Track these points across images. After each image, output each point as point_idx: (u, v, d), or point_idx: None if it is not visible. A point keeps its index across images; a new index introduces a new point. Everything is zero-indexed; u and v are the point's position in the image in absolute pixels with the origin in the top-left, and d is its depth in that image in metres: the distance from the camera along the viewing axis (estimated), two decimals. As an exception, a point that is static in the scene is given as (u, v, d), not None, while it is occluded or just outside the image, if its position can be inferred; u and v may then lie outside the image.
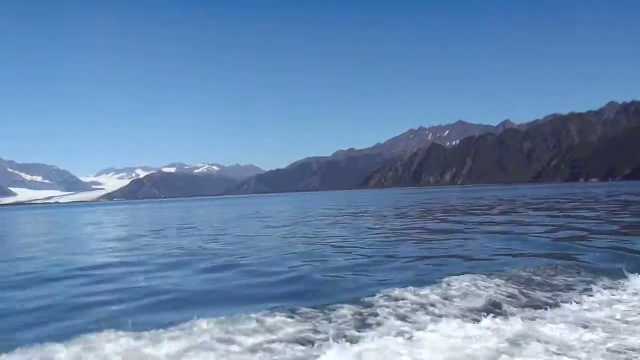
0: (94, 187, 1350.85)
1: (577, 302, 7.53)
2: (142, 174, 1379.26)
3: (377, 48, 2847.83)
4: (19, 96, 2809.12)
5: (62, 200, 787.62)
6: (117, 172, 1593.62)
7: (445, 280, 8.74)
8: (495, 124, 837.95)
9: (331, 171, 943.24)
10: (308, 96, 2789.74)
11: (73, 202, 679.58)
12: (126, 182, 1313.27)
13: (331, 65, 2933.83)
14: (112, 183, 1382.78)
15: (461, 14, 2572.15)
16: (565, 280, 9.27)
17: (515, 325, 6.31)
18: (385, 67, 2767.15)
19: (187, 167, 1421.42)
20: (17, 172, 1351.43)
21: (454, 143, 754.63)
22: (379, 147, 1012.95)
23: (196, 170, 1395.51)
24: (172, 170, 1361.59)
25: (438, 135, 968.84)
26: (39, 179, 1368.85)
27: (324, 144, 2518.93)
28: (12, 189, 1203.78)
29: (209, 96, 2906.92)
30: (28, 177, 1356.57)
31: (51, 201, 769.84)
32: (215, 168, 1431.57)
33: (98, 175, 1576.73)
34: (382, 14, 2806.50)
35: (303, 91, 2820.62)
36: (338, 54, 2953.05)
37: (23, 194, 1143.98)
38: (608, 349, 5.46)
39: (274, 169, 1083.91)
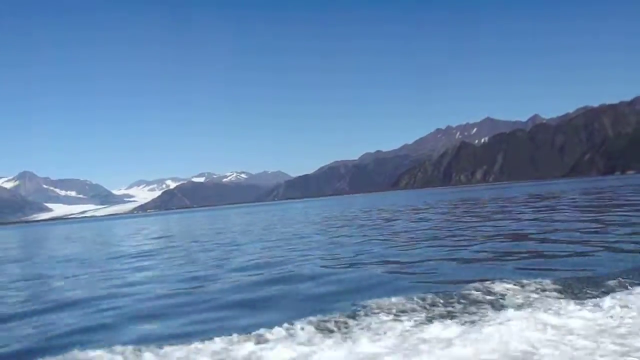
0: (126, 199, 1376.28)
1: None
2: (172, 185, 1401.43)
3: (397, 46, 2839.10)
4: (50, 111, 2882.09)
5: (97, 214, 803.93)
6: (148, 183, 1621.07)
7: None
8: (524, 119, 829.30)
9: (359, 174, 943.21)
10: (331, 98, 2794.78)
11: (108, 214, 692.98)
12: (157, 193, 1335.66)
13: (351, 66, 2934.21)
14: (144, 195, 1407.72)
15: (483, 7, 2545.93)
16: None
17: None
18: (407, 65, 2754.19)
19: (215, 176, 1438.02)
20: (51, 187, 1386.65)
21: (482, 140, 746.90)
22: (406, 147, 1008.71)
23: (225, 179, 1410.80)
24: (201, 179, 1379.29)
25: (466, 133, 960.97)
26: (73, 193, 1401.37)
27: (350, 147, 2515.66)
28: (47, 204, 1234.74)
29: (233, 103, 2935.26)
30: (62, 192, 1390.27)
31: (87, 215, 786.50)
32: (243, 176, 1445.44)
33: (129, 187, 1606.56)
34: (405, 11, 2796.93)
35: (325, 94, 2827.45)
36: (356, 53, 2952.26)
37: (58, 209, 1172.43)
38: None
39: (301, 174, 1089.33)
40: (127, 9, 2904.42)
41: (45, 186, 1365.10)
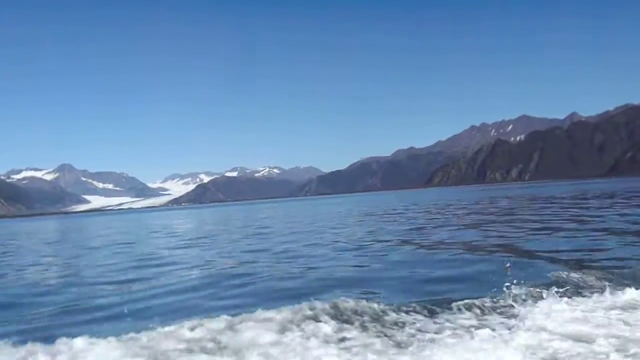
0: (161, 192, 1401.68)
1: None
2: (206, 179, 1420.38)
3: (431, 42, 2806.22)
4: (89, 105, 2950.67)
5: (133, 206, 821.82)
6: (182, 177, 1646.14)
7: None
8: (561, 117, 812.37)
9: (392, 170, 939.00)
10: (364, 94, 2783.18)
11: (144, 207, 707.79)
12: (191, 187, 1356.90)
13: (385, 61, 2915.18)
14: (178, 188, 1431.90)
15: (520, 3, 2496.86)
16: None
17: None
18: (440, 61, 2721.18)
19: (248, 171, 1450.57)
20: (89, 180, 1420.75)
21: (518, 138, 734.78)
22: (439, 144, 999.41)
23: (257, 174, 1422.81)
24: (234, 174, 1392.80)
25: (501, 131, 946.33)
26: (110, 186, 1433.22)
27: (383, 143, 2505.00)
28: (85, 196, 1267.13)
29: (265, 98, 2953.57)
30: (100, 185, 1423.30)
31: (123, 207, 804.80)
32: (276, 170, 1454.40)
33: (164, 181, 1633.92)
34: (438, 7, 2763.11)
35: (358, 89, 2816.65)
36: (389, 49, 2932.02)
37: (96, 201, 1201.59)
38: None
39: (333, 169, 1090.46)
40: (165, 3, 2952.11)
41: (83, 178, 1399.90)
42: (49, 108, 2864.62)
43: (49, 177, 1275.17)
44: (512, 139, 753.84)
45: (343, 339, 5.51)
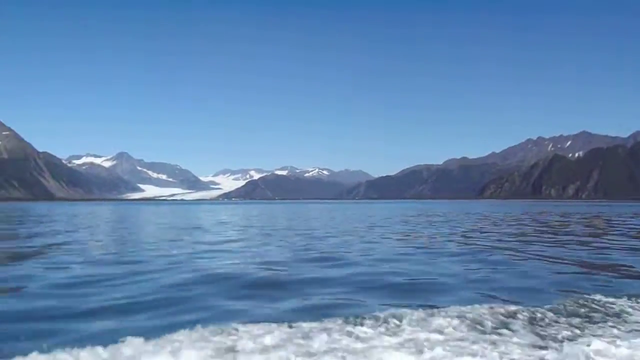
0: (211, 186, 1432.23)
1: None
2: (256, 176, 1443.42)
3: (488, 51, 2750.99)
4: (147, 97, 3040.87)
5: (185, 198, 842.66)
6: (232, 173, 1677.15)
7: None
8: (624, 135, 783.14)
9: (442, 179, 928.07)
10: (417, 101, 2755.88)
11: (196, 199, 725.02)
12: (240, 182, 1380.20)
13: (440, 70, 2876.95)
14: (228, 183, 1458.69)
15: (580, 13, 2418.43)
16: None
17: None
18: (499, 72, 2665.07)
19: (297, 171, 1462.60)
20: (145, 169, 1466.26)
21: (577, 154, 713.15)
22: (493, 156, 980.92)
23: (306, 174, 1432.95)
24: (284, 172, 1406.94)
25: (559, 146, 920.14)
26: (164, 176, 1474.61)
27: (435, 151, 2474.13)
28: (140, 185, 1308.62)
29: (316, 100, 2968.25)
30: (154, 175, 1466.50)
31: (176, 198, 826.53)
32: (325, 172, 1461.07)
33: (215, 175, 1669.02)
34: (489, 14, 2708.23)
35: (412, 96, 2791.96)
36: (447, 57, 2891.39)
37: (149, 191, 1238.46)
38: None
39: (382, 175, 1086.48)
40: (226, 6, 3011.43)
41: (139, 168, 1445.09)
42: (110, 98, 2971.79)
43: (107, 164, 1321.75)
44: (570, 155, 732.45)
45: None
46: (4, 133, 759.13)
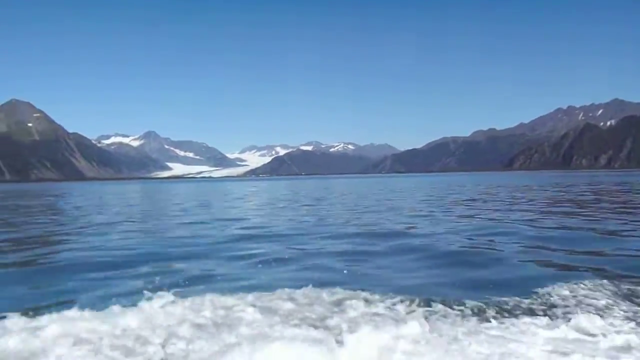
0: (238, 163, 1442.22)
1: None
2: (282, 152, 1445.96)
3: (516, 24, 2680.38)
4: (173, 78, 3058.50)
5: (213, 175, 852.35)
6: (259, 149, 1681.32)
7: None
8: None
9: (470, 151, 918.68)
10: (443, 73, 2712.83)
11: (223, 176, 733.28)
12: (267, 159, 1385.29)
13: (467, 42, 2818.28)
14: (255, 160, 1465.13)
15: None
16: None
17: None
18: (525, 42, 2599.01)
19: (323, 146, 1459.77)
20: (172, 148, 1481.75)
21: (609, 123, 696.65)
22: (522, 126, 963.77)
23: (332, 149, 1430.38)
24: (309, 148, 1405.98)
25: (590, 115, 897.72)
26: (191, 154, 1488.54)
27: (461, 123, 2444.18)
28: (168, 163, 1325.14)
29: (341, 75, 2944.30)
30: (181, 153, 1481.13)
31: (203, 175, 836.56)
32: (351, 147, 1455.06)
33: (241, 152, 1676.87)
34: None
35: (438, 68, 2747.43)
36: (472, 32, 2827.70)
37: (177, 169, 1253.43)
38: None
39: (408, 148, 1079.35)
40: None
41: (166, 146, 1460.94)
42: (137, 78, 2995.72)
43: (135, 144, 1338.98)
44: (602, 124, 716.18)
45: None
46: (35, 115, 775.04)
